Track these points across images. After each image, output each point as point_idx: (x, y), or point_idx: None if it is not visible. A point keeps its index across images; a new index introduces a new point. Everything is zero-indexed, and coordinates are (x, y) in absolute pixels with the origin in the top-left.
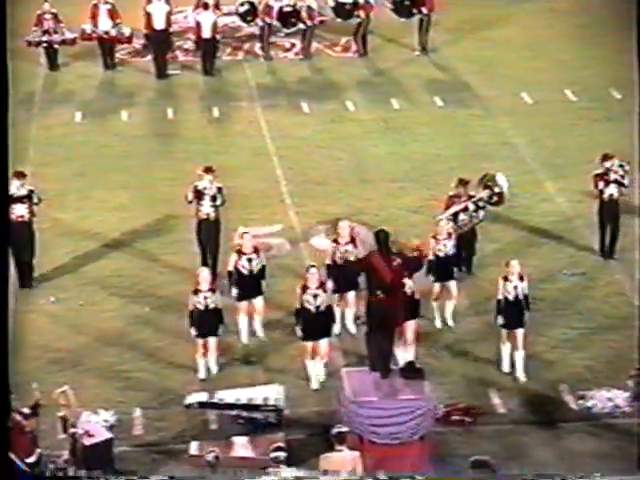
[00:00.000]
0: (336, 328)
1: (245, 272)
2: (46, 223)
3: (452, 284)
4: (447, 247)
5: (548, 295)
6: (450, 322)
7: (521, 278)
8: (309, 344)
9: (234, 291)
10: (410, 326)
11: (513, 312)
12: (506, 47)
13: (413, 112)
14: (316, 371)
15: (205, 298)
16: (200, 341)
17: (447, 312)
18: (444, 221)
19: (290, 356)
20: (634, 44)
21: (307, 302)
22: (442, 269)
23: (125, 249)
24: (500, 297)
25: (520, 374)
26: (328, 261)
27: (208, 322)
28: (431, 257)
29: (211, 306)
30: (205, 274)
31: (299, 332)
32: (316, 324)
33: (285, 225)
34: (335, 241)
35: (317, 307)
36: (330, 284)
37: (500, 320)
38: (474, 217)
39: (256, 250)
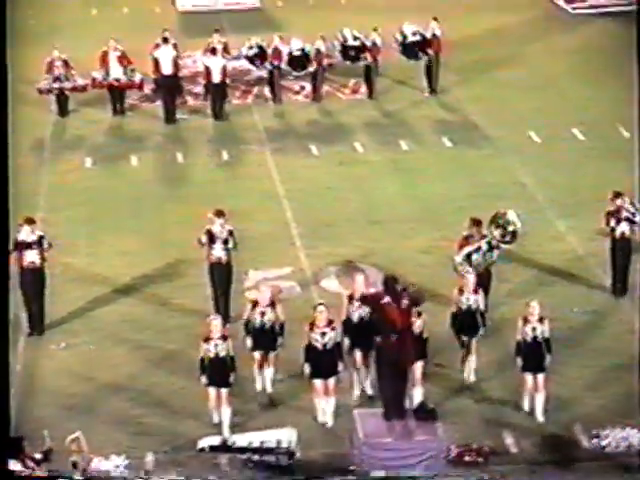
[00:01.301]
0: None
1: (257, 325)
2: (57, 268)
3: (473, 341)
4: (470, 300)
5: (560, 334)
6: (472, 378)
7: (541, 320)
8: (318, 382)
9: (248, 341)
10: (418, 366)
11: (532, 354)
12: (513, 87)
13: (422, 153)
14: (326, 409)
15: (216, 346)
16: (212, 391)
17: (468, 369)
18: (471, 274)
19: (302, 398)
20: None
21: (315, 340)
22: (465, 323)
23: (135, 294)
24: (519, 338)
25: (539, 415)
26: (343, 317)
27: (219, 371)
28: (453, 310)
29: (222, 354)
30: (217, 322)
31: (307, 370)
32: (324, 362)
33: (295, 267)
34: (350, 297)
35: (324, 345)
36: (347, 341)
37: (519, 361)
38: (488, 257)
39: (272, 304)
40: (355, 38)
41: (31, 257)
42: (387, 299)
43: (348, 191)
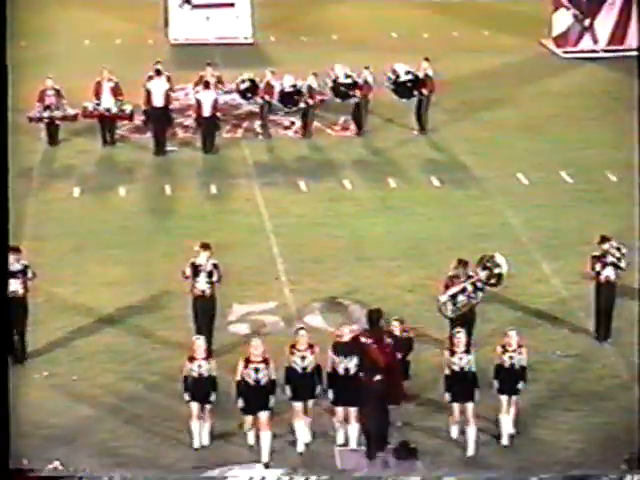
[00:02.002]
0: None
1: (251, 382)
2: (41, 297)
3: (469, 407)
4: (463, 361)
5: (542, 376)
6: (470, 452)
7: (519, 349)
8: (298, 404)
9: (239, 402)
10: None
11: (509, 379)
12: (503, 128)
13: (410, 192)
14: (303, 432)
15: (199, 366)
16: (194, 406)
17: (467, 439)
18: (462, 332)
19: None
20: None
21: (294, 363)
22: (459, 387)
23: (119, 325)
24: (497, 362)
25: (505, 440)
26: (328, 369)
27: (202, 389)
28: (447, 372)
29: (205, 374)
30: (200, 342)
31: (287, 392)
32: (303, 385)
33: (280, 302)
34: (335, 347)
35: (304, 368)
36: (330, 394)
37: (496, 384)
38: (472, 298)
39: (265, 360)
40: (347, 75)
41: (14, 286)
42: (370, 340)
43: (335, 227)
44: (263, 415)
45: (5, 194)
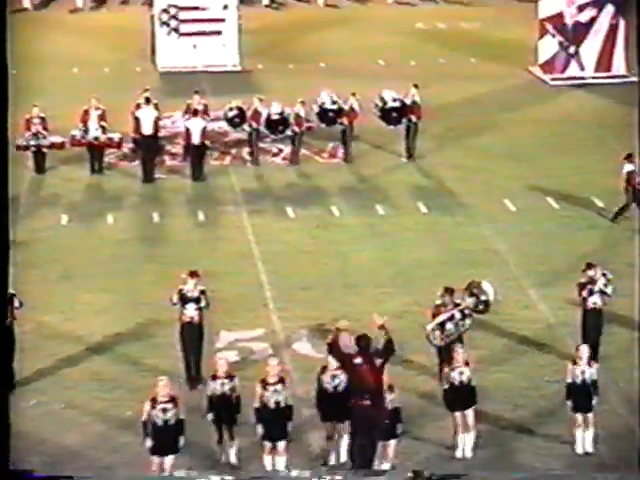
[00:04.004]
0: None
1: (271, 406)
2: (28, 325)
3: (470, 413)
4: (464, 375)
5: (530, 402)
6: (468, 454)
7: (589, 363)
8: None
9: (258, 429)
10: (391, 445)
11: (582, 396)
12: (490, 155)
13: (398, 218)
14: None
15: (164, 411)
16: (155, 459)
17: (465, 445)
18: (461, 348)
19: None
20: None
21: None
22: (459, 398)
23: (107, 353)
24: (569, 381)
25: (589, 447)
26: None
27: (167, 438)
28: (446, 386)
29: (172, 421)
30: (163, 383)
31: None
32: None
33: (267, 329)
34: (323, 368)
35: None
36: (320, 413)
37: (569, 403)
38: (460, 325)
39: (282, 381)
40: (333, 102)
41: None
42: (359, 359)
43: (323, 254)
44: (281, 444)
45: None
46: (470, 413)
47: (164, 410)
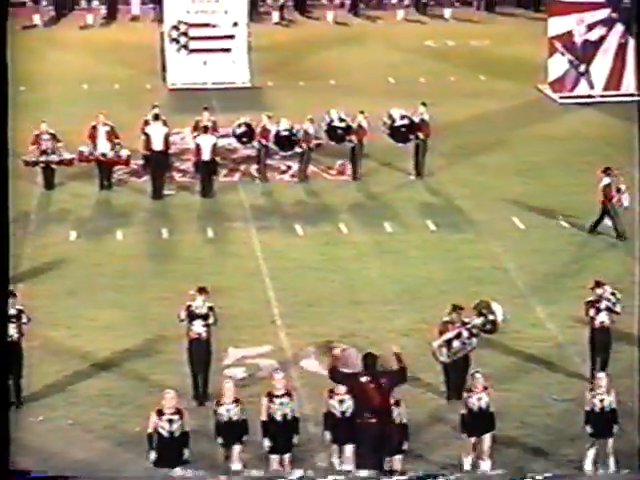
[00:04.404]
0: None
1: (278, 418)
2: (36, 341)
3: (487, 439)
4: (482, 401)
5: (538, 421)
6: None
7: (608, 391)
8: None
9: (265, 442)
10: (396, 460)
11: (601, 422)
12: (498, 172)
13: (406, 235)
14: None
15: (170, 422)
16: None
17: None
18: (479, 374)
19: None
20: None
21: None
22: (476, 423)
23: (115, 369)
24: (588, 408)
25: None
26: (323, 409)
27: (171, 450)
28: (464, 411)
29: (177, 433)
30: (170, 395)
31: (327, 437)
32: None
33: (275, 346)
34: (331, 391)
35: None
36: (328, 436)
37: (588, 429)
38: (467, 344)
39: (289, 393)
40: (341, 120)
41: (9, 331)
42: (365, 378)
43: (331, 271)
44: (287, 457)
45: (6, 238)
46: (487, 439)
47: (170, 421)
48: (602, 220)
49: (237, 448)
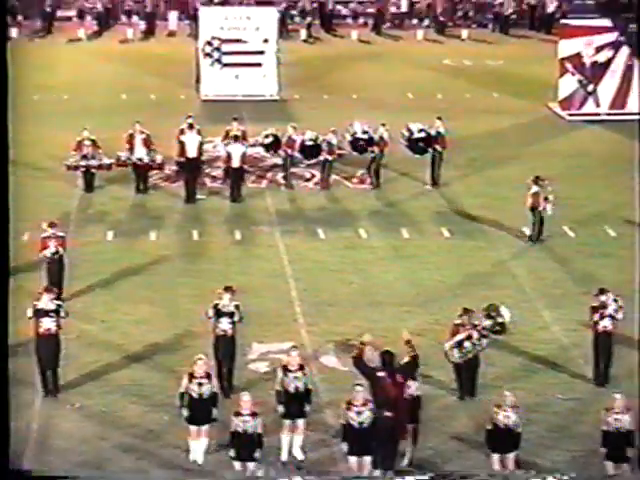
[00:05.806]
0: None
1: (291, 390)
2: (73, 334)
3: (510, 457)
4: (511, 419)
5: (543, 418)
6: None
7: (626, 411)
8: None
9: (280, 408)
10: (410, 430)
11: (617, 445)
12: (509, 185)
13: (422, 241)
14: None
15: (200, 385)
16: (193, 428)
17: None
18: (510, 393)
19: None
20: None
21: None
22: (500, 440)
23: (146, 361)
24: (604, 428)
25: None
26: (342, 421)
27: (201, 409)
28: (489, 427)
29: (206, 394)
30: (201, 362)
31: (344, 448)
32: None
33: (296, 343)
34: (348, 403)
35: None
36: (345, 447)
37: (602, 450)
38: (477, 345)
39: (302, 367)
40: (364, 131)
41: (48, 324)
42: (382, 373)
43: (350, 274)
44: (300, 421)
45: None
46: (510, 457)
47: (200, 384)
48: (542, 226)
49: (251, 466)
